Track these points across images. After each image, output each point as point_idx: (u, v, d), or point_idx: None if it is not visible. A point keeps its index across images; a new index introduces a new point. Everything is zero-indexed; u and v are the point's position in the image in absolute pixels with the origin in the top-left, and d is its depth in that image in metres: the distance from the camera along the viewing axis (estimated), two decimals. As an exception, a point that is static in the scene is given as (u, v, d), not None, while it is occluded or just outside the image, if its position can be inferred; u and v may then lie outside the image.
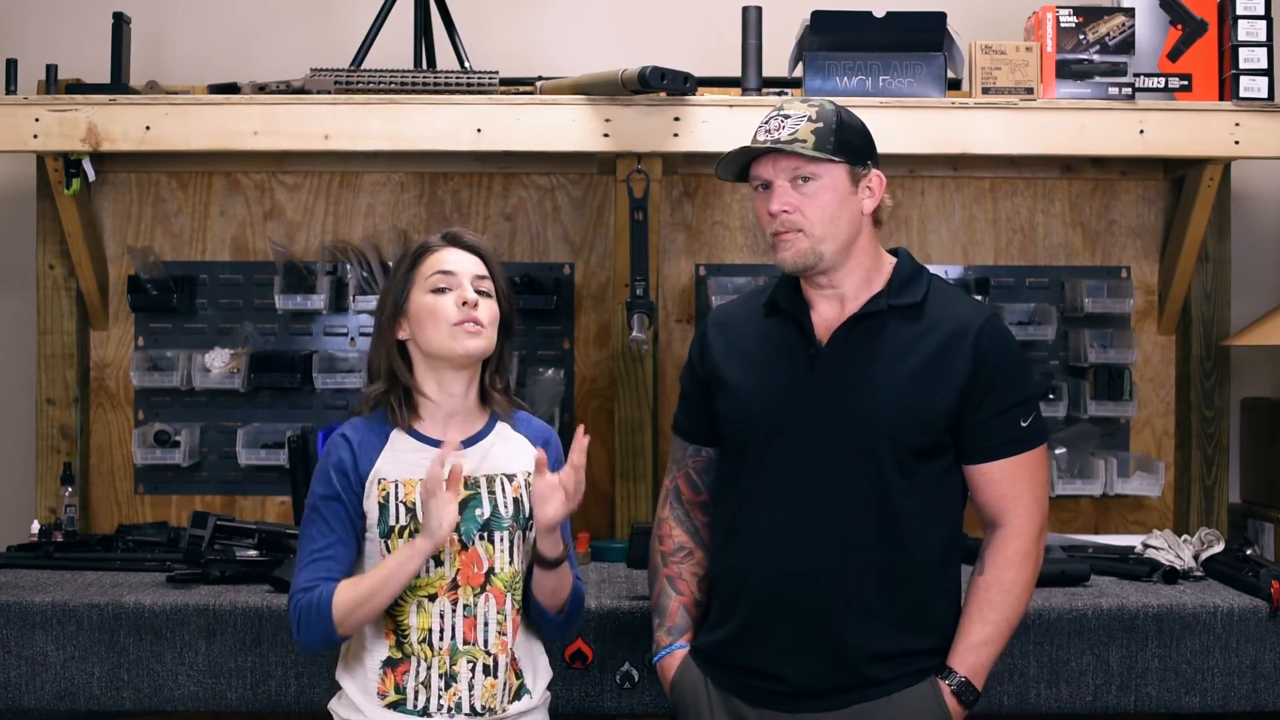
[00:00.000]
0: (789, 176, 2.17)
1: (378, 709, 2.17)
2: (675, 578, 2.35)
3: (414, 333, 2.20)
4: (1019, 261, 3.55)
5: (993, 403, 2.17)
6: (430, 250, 2.22)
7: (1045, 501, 2.23)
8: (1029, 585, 2.21)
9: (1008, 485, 2.19)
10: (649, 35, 3.62)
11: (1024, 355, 2.29)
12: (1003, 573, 2.18)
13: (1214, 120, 3.15)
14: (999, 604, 2.18)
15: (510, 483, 2.22)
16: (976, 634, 2.18)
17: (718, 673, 2.25)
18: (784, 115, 2.19)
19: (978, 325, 2.18)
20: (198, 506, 3.47)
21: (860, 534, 2.15)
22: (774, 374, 2.23)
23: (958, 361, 2.16)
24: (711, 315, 2.42)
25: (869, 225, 2.22)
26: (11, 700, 2.75)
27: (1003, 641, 2.19)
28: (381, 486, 2.18)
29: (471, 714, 2.17)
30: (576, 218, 3.55)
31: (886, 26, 3.17)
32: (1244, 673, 2.75)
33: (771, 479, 2.20)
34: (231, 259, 3.54)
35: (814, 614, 2.16)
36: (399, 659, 2.17)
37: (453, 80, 3.14)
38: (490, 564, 2.19)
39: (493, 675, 2.18)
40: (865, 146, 2.21)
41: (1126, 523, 3.52)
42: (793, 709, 2.18)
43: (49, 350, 3.46)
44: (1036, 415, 2.22)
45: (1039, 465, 2.22)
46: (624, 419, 3.37)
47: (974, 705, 2.19)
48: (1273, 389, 3.68)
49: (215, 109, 3.12)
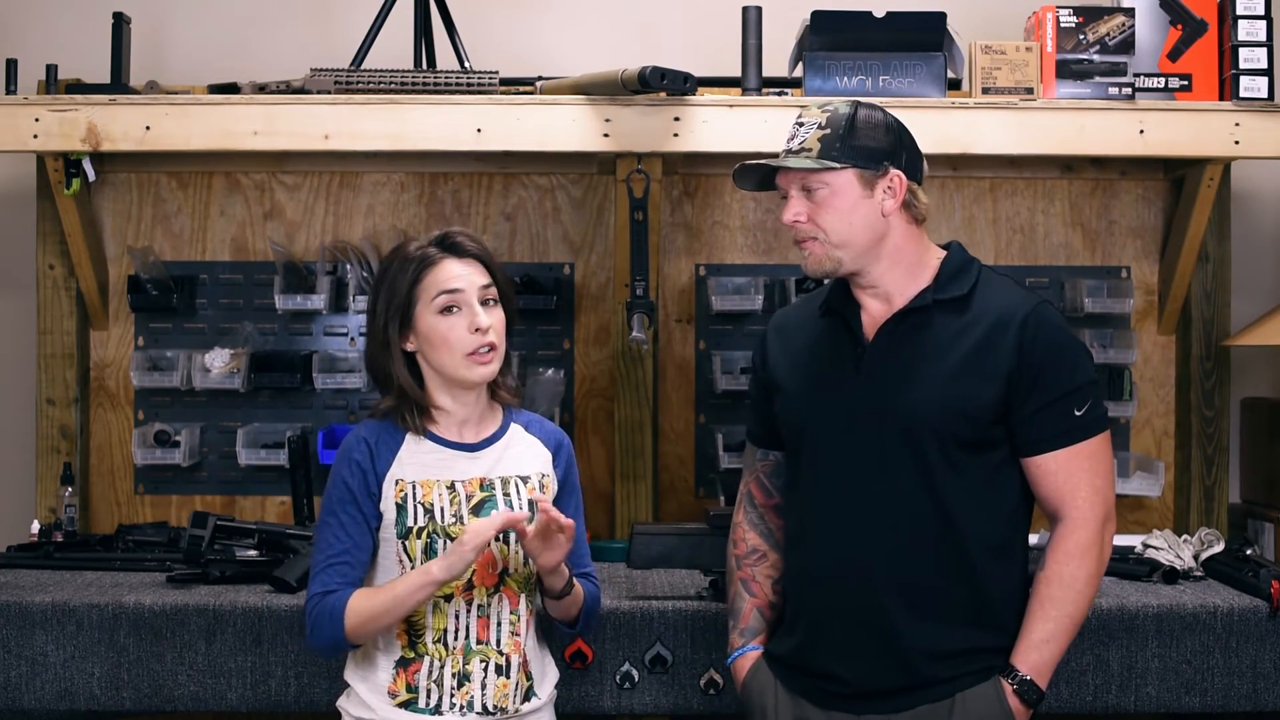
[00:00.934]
0: (799, 187, 2.18)
1: (389, 708, 2.18)
2: (749, 580, 2.37)
3: (424, 351, 2.20)
4: (1019, 261, 3.55)
5: (1042, 393, 2.15)
6: (431, 263, 2.19)
7: (1108, 492, 2.20)
8: (1092, 579, 2.17)
9: (1064, 477, 2.17)
10: (649, 35, 3.62)
11: (1076, 343, 2.24)
12: (1063, 567, 2.16)
13: (1214, 120, 3.14)
14: (1060, 600, 2.15)
15: (525, 485, 2.24)
16: (1039, 631, 2.15)
17: (788, 675, 2.26)
18: (799, 123, 2.22)
19: (1022, 315, 2.16)
20: (198, 506, 3.47)
21: (911, 531, 2.14)
22: (822, 374, 2.24)
23: (1002, 352, 2.14)
24: (772, 319, 2.43)
25: (903, 223, 2.20)
26: (11, 700, 2.75)
27: (1067, 639, 2.17)
28: (399, 488, 2.18)
29: (484, 713, 2.18)
30: (576, 218, 3.55)
31: (886, 26, 3.17)
32: (1244, 673, 2.75)
33: (826, 479, 2.21)
34: (231, 259, 3.54)
35: (870, 614, 2.16)
36: (411, 658, 2.18)
37: (453, 80, 3.14)
38: (505, 565, 2.20)
39: (505, 675, 2.19)
40: (886, 147, 2.18)
41: (1126, 523, 3.52)
42: (858, 710, 2.18)
43: (49, 350, 3.46)
44: (1094, 403, 2.19)
45: (1099, 455, 2.19)
46: (624, 419, 3.37)
47: (1038, 705, 2.17)
48: (1273, 389, 3.68)
49: (215, 109, 3.12)
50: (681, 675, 2.75)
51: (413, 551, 2.16)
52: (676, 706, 2.76)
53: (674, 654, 2.74)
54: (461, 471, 2.21)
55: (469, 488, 2.20)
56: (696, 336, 3.54)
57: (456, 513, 2.18)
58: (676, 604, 2.79)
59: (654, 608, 2.77)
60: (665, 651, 2.75)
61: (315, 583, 2.17)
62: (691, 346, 3.54)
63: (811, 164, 2.15)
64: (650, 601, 2.79)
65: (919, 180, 2.23)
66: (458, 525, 2.17)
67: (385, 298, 2.21)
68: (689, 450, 3.53)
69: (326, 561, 2.17)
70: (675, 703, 2.76)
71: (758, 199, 3.52)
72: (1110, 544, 2.21)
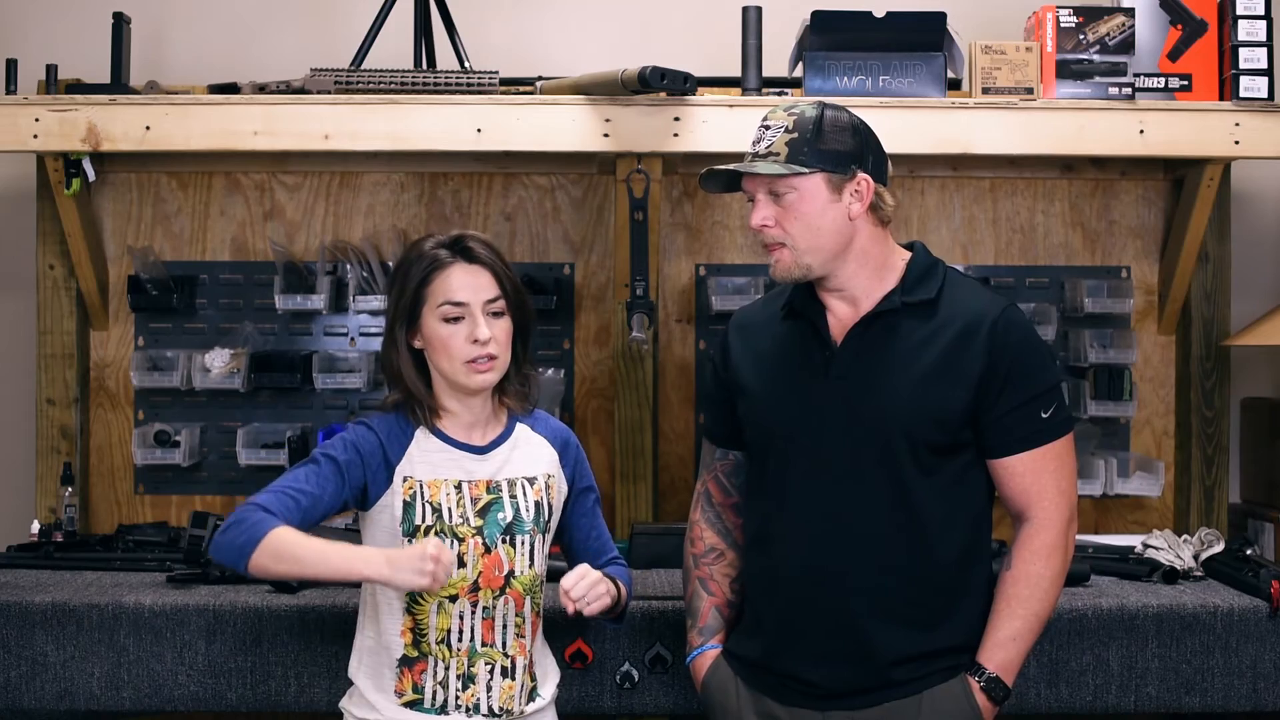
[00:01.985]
0: (767, 190, 2.17)
1: (394, 707, 2.18)
2: (707, 579, 2.37)
3: (429, 352, 2.21)
4: (1019, 261, 3.55)
5: (1010, 396, 2.15)
6: (441, 267, 2.18)
7: (1072, 493, 2.21)
8: (1058, 579, 2.19)
9: (1031, 478, 2.18)
10: (649, 35, 3.62)
11: (1043, 346, 2.25)
12: (1029, 566, 2.17)
13: (1214, 120, 3.14)
14: (1027, 598, 2.17)
15: (531, 486, 2.24)
16: (1005, 629, 2.17)
17: (749, 673, 2.26)
18: (765, 126, 2.20)
19: (991, 319, 2.16)
20: (198, 506, 3.47)
21: (881, 534, 2.15)
22: (791, 378, 2.23)
23: (971, 356, 2.15)
24: (733, 318, 2.41)
25: (869, 225, 2.20)
26: (11, 700, 2.75)
27: (1032, 637, 2.18)
28: (408, 484, 2.18)
29: (490, 715, 2.18)
30: (576, 218, 3.55)
31: (886, 26, 3.17)
32: (1244, 673, 2.75)
33: (793, 482, 2.20)
34: (231, 259, 3.54)
35: (840, 616, 2.16)
36: (415, 658, 2.18)
37: (453, 80, 3.14)
38: (511, 567, 2.20)
39: (510, 677, 2.19)
40: (853, 150, 2.17)
41: (1126, 523, 3.52)
42: (822, 708, 2.18)
43: (49, 350, 3.46)
44: (1059, 406, 2.20)
45: (1064, 456, 2.20)
46: (624, 419, 3.37)
47: (1004, 702, 2.18)
48: (1273, 389, 3.68)
49: (215, 109, 3.12)
50: (681, 675, 2.75)
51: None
52: (676, 706, 2.76)
53: (674, 654, 2.74)
54: (469, 472, 2.21)
55: (475, 490, 2.20)
56: (696, 336, 3.54)
57: (464, 514, 2.18)
58: (676, 604, 2.78)
59: (654, 608, 2.77)
60: (665, 651, 2.75)
61: (260, 495, 2.10)
62: (691, 346, 3.54)
63: (780, 169, 2.13)
64: (650, 601, 2.79)
65: (885, 182, 2.21)
66: (465, 526, 2.17)
67: (396, 294, 2.21)
68: (689, 450, 3.52)
69: (283, 488, 2.12)
70: (675, 703, 2.76)
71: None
72: (1073, 544, 2.23)
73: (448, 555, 2.02)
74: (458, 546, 2.16)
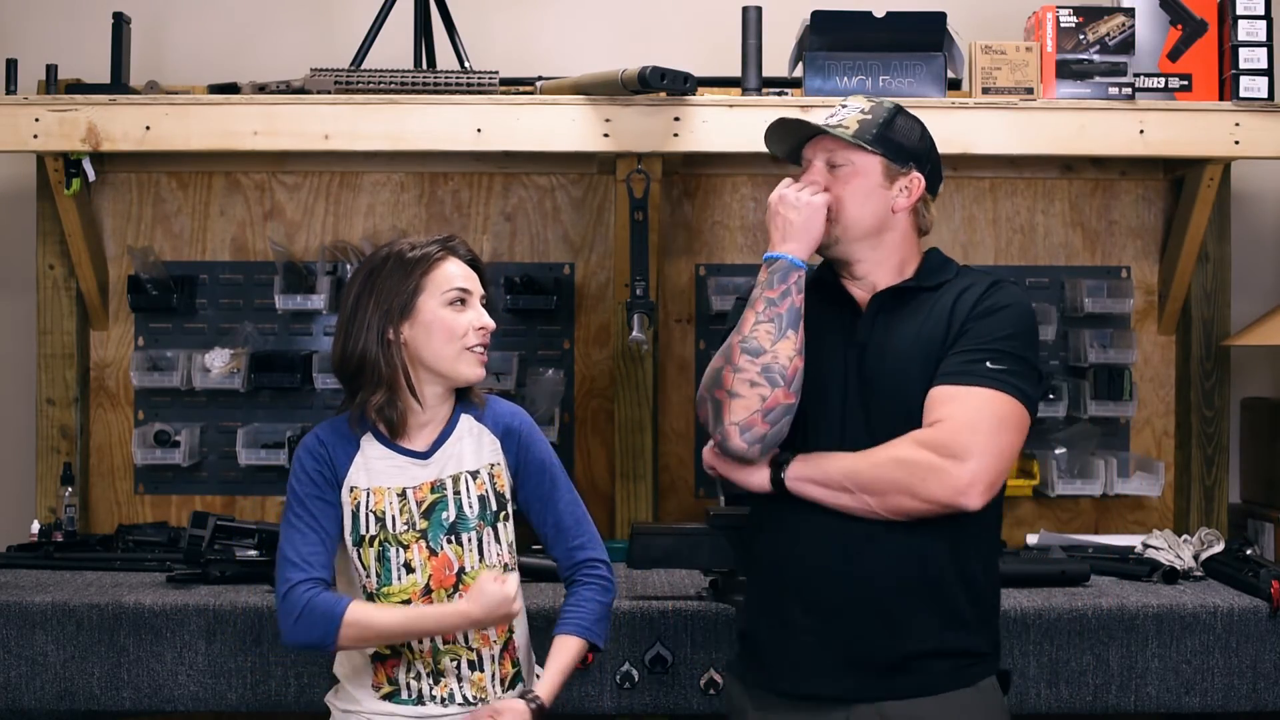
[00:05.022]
0: (825, 159, 2.22)
1: (373, 700, 2.20)
2: None
3: (417, 342, 2.18)
4: (1019, 261, 3.55)
5: (965, 341, 2.11)
6: (442, 259, 2.20)
7: (993, 448, 2.04)
8: (901, 486, 2.06)
9: (945, 407, 2.06)
10: (649, 35, 3.62)
11: (1021, 320, 2.15)
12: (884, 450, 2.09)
13: (1214, 120, 3.14)
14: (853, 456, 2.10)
15: (474, 480, 2.23)
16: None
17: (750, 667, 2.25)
18: (843, 105, 2.26)
19: (983, 286, 2.18)
20: (198, 506, 3.47)
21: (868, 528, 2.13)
22: (818, 342, 2.20)
23: (941, 326, 2.15)
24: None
25: (907, 224, 2.23)
26: (11, 700, 2.75)
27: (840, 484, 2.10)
28: (354, 495, 2.19)
29: (465, 704, 2.19)
30: (576, 218, 3.55)
31: (886, 26, 3.17)
32: (1244, 673, 2.75)
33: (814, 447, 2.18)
34: (231, 259, 3.54)
35: (865, 605, 2.13)
36: (388, 655, 2.20)
37: (453, 80, 3.14)
38: (460, 564, 2.20)
39: (479, 669, 2.20)
40: (916, 150, 2.22)
41: (1126, 523, 3.52)
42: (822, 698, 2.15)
43: (49, 350, 3.46)
44: (1012, 371, 2.08)
45: (1001, 412, 2.06)
46: (624, 419, 3.37)
47: None
48: (1273, 389, 3.68)
49: (215, 109, 3.12)
50: (681, 675, 2.75)
51: (366, 560, 2.17)
52: (676, 706, 2.77)
53: (674, 654, 2.75)
54: (412, 478, 2.20)
55: (420, 493, 2.20)
56: (696, 336, 3.54)
57: (409, 519, 2.18)
58: (676, 604, 2.79)
59: (654, 608, 2.77)
60: (665, 651, 2.75)
61: (293, 572, 2.12)
62: (691, 346, 3.54)
63: (849, 137, 2.18)
64: (650, 601, 2.79)
65: (934, 194, 2.27)
66: (409, 532, 2.17)
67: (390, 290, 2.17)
68: (689, 450, 3.52)
69: (301, 556, 2.14)
70: (675, 703, 2.76)
71: (757, 199, 3.52)
72: (980, 500, 2.04)
73: (512, 580, 2.13)
74: (403, 554, 2.17)
